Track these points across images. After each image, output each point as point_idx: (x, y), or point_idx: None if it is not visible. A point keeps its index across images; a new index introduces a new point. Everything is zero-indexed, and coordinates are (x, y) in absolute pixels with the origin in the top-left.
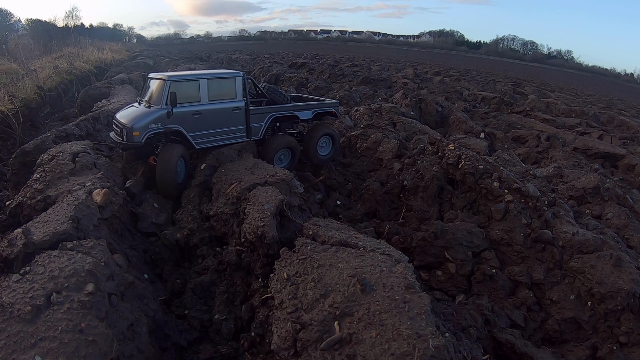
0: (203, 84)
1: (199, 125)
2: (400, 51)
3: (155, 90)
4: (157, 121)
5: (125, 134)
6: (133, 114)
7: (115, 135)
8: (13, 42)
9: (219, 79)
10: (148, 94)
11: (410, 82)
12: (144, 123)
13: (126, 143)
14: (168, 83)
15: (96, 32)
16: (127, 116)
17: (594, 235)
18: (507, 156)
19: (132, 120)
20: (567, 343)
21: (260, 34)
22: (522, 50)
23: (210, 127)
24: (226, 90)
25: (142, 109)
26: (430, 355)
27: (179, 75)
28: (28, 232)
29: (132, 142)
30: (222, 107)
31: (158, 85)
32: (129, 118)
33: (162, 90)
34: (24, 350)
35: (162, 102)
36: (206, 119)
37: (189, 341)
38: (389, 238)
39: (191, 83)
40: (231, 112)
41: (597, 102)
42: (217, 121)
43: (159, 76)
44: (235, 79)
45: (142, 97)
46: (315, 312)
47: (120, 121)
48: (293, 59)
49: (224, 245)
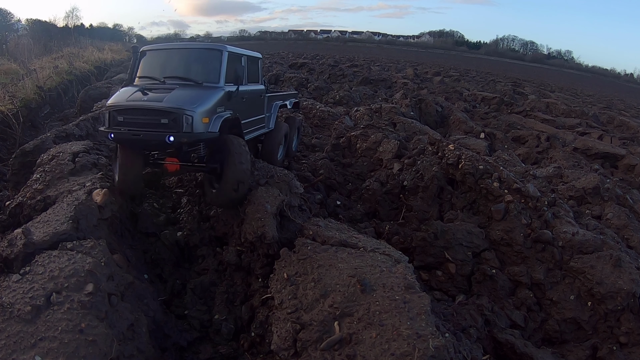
0: (244, 61)
1: (245, 112)
2: (400, 51)
3: (194, 63)
4: (221, 103)
5: (181, 123)
6: (178, 94)
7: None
8: (13, 42)
9: (251, 57)
10: (165, 69)
11: (410, 82)
12: (210, 105)
13: (185, 134)
14: (225, 54)
15: (96, 32)
16: (160, 98)
17: (594, 236)
18: (507, 156)
19: (185, 101)
20: (567, 343)
21: (260, 34)
22: (522, 51)
23: (249, 115)
24: (254, 72)
25: (186, 89)
26: (430, 356)
27: (229, 46)
28: (28, 232)
29: (197, 133)
30: (255, 90)
31: (198, 56)
32: (176, 99)
33: (211, 63)
34: (24, 350)
35: (221, 78)
36: (247, 105)
37: (189, 341)
38: (389, 238)
39: (238, 58)
40: (259, 97)
41: (597, 102)
42: (252, 108)
43: (196, 45)
44: (259, 61)
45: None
46: (315, 312)
47: (150, 106)
48: (293, 59)
49: (224, 245)
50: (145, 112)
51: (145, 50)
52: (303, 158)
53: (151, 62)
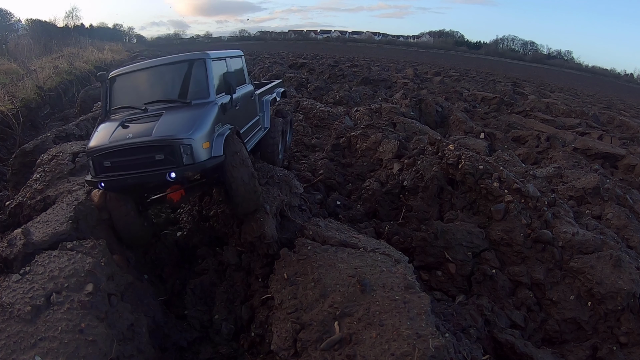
0: (229, 64)
1: (241, 120)
2: (400, 51)
3: (176, 81)
4: (217, 120)
5: (179, 155)
6: (167, 121)
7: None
8: (13, 42)
9: (233, 57)
10: (144, 94)
11: (410, 82)
12: (207, 127)
13: (188, 167)
14: (209, 62)
15: (96, 32)
16: (148, 131)
17: (593, 236)
18: (507, 156)
19: (178, 128)
20: (567, 343)
21: (260, 34)
22: (522, 51)
23: (246, 122)
24: (238, 72)
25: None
26: (430, 356)
27: (210, 53)
28: (28, 232)
29: (201, 162)
30: (246, 93)
31: (179, 71)
32: (166, 128)
33: (195, 76)
34: (23, 350)
35: (210, 91)
36: (241, 111)
37: (189, 341)
38: (389, 238)
39: (222, 62)
40: (250, 99)
41: (597, 102)
42: (246, 113)
43: (173, 59)
44: (241, 58)
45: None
46: (315, 312)
47: (138, 143)
48: (293, 59)
49: (224, 245)
50: (134, 152)
51: (115, 76)
52: (303, 158)
53: (125, 89)
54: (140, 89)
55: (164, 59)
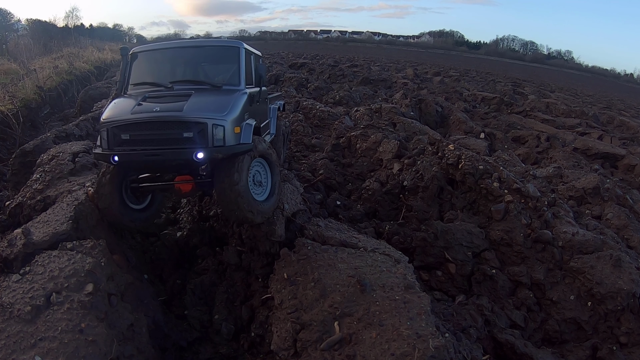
0: (254, 60)
1: (260, 118)
2: (400, 51)
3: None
4: (246, 109)
5: (210, 135)
6: (199, 101)
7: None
8: (13, 42)
9: (258, 56)
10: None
11: (410, 82)
12: (238, 112)
13: (216, 149)
14: (242, 51)
15: (96, 32)
16: (178, 107)
17: (593, 236)
18: (507, 156)
19: (211, 108)
20: (567, 343)
21: (260, 34)
22: (522, 51)
23: (261, 122)
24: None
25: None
26: (430, 356)
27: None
28: (28, 232)
29: (230, 146)
30: (263, 92)
31: (213, 55)
32: (199, 107)
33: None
34: (23, 350)
35: (241, 80)
36: (260, 109)
37: (189, 341)
38: (389, 238)
39: (251, 56)
40: (264, 101)
41: (597, 102)
42: (262, 113)
43: (209, 43)
44: (261, 59)
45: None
46: (315, 312)
47: (168, 117)
48: (293, 59)
49: (224, 245)
50: (161, 126)
51: (137, 52)
52: (303, 158)
53: (149, 66)
54: (166, 68)
55: (197, 41)
